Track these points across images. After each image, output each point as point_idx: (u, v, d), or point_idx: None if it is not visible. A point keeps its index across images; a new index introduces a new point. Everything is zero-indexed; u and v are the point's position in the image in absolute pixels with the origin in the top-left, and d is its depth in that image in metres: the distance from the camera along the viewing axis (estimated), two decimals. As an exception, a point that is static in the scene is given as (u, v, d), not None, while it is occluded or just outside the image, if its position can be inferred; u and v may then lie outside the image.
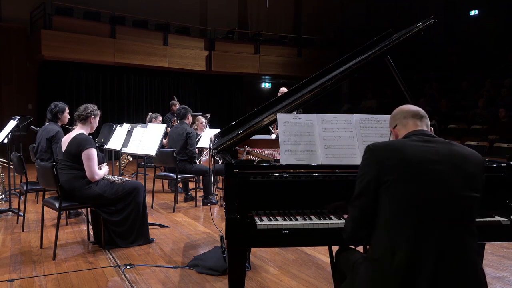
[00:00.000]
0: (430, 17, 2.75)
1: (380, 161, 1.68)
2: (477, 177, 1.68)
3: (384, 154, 1.69)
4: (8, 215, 5.24)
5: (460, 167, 1.65)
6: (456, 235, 1.59)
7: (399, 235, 1.59)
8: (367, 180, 1.70)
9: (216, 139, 2.84)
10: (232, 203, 2.08)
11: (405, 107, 1.92)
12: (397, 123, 1.90)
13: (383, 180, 1.65)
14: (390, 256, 1.58)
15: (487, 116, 9.99)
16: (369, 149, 1.75)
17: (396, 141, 1.80)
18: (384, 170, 1.65)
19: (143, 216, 4.07)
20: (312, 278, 3.31)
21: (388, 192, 1.64)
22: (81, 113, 3.90)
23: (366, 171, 1.72)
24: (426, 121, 1.86)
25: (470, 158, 1.69)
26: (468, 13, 14.38)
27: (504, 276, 3.40)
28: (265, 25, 15.56)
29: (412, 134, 1.80)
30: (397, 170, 1.64)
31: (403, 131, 1.86)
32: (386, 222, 1.63)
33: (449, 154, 1.68)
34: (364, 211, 1.72)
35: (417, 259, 1.56)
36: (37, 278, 3.26)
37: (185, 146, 5.84)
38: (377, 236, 1.67)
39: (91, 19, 11.68)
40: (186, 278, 3.27)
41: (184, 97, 13.47)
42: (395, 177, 1.63)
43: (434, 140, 1.74)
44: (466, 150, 1.73)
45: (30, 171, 4.64)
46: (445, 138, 1.80)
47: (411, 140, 1.74)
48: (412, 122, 1.85)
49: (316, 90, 2.65)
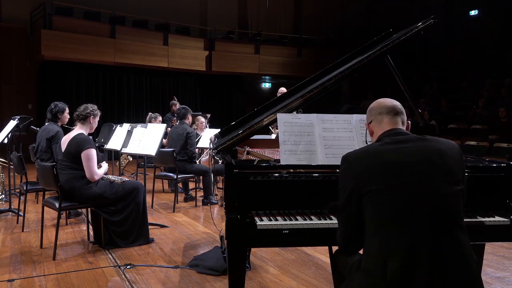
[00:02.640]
0: (430, 17, 2.75)
1: (358, 173, 1.66)
2: (457, 168, 1.66)
3: (361, 165, 1.67)
4: (8, 215, 5.24)
5: (438, 163, 1.63)
6: (448, 233, 1.57)
7: (390, 243, 1.56)
8: (347, 193, 1.68)
9: (216, 139, 2.84)
10: (232, 203, 2.08)
11: (381, 101, 1.88)
12: (372, 119, 1.87)
13: (364, 191, 1.62)
14: (382, 265, 1.55)
15: (487, 116, 9.99)
16: (345, 160, 1.73)
17: (371, 147, 1.76)
18: (363, 182, 1.63)
19: (143, 216, 4.07)
20: (312, 278, 3.30)
21: (372, 202, 1.61)
22: (80, 113, 3.90)
23: (345, 184, 1.70)
24: (402, 116, 1.82)
25: (446, 151, 1.67)
26: (468, 13, 14.39)
27: (504, 276, 3.39)
28: (265, 25, 15.56)
29: (385, 136, 1.76)
30: (376, 179, 1.61)
31: (377, 128, 1.83)
32: (375, 231, 1.61)
33: (425, 151, 1.65)
34: (349, 224, 1.71)
35: (411, 264, 1.53)
36: (37, 278, 3.26)
37: (185, 146, 5.83)
38: (368, 245, 1.64)
39: (91, 19, 11.69)
40: (186, 278, 3.27)
41: (184, 97, 13.47)
42: (376, 187, 1.60)
43: (408, 139, 1.71)
44: (441, 143, 1.70)
45: (30, 171, 4.64)
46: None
47: (385, 144, 1.71)
48: (387, 119, 1.81)
49: (316, 90, 2.65)
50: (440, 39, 13.92)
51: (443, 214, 1.59)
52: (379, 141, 1.78)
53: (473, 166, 2.33)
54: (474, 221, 2.13)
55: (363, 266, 1.64)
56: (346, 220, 1.72)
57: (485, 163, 2.47)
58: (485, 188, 2.28)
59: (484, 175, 2.31)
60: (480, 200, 2.26)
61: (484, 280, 3.21)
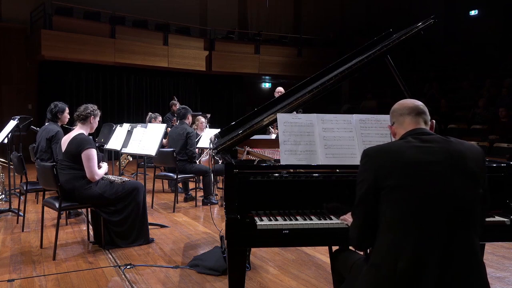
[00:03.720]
0: (430, 17, 2.75)
1: (377, 167, 1.65)
2: (478, 172, 1.65)
3: (381, 159, 1.67)
4: (8, 215, 5.24)
5: (459, 165, 1.62)
6: (462, 236, 1.57)
7: (402, 240, 1.56)
8: (365, 187, 1.68)
9: (216, 139, 2.84)
10: (232, 203, 2.08)
11: (402, 102, 1.86)
12: (394, 121, 1.86)
13: (382, 186, 1.62)
14: (393, 261, 1.55)
15: (487, 116, 9.98)
16: (366, 154, 1.73)
17: (393, 144, 1.76)
18: (382, 176, 1.63)
19: (143, 216, 4.07)
20: (312, 278, 3.30)
21: (388, 198, 1.61)
22: (81, 113, 3.90)
23: (364, 178, 1.70)
24: (424, 117, 1.80)
25: (468, 154, 1.66)
26: (468, 13, 14.39)
27: (504, 276, 3.40)
28: (265, 25, 15.55)
29: (408, 135, 1.75)
30: (395, 175, 1.61)
31: (401, 129, 1.82)
32: (388, 227, 1.61)
33: (447, 153, 1.64)
34: (366, 218, 1.70)
35: (422, 264, 1.53)
36: (37, 278, 3.26)
37: (185, 146, 5.84)
38: (379, 241, 1.64)
39: (91, 19, 11.68)
40: (186, 278, 3.27)
41: (184, 97, 13.47)
42: (394, 182, 1.60)
43: (431, 139, 1.69)
44: (464, 146, 1.69)
45: (30, 171, 4.64)
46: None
47: (407, 142, 1.70)
48: (409, 120, 1.80)
49: (316, 90, 2.65)
50: (440, 39, 13.91)
51: (459, 216, 1.58)
52: (402, 138, 1.77)
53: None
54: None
55: (372, 261, 1.64)
56: (363, 214, 1.70)
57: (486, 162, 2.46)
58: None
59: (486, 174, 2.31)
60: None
61: (484, 280, 3.22)
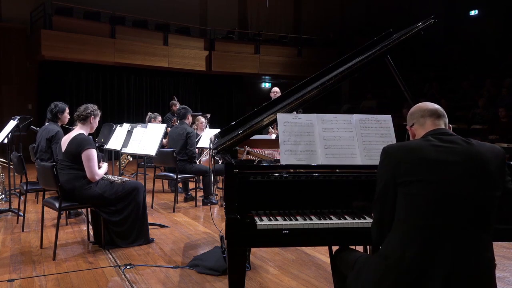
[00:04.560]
0: (430, 17, 2.75)
1: (396, 163, 1.68)
2: (497, 174, 1.65)
3: (399, 156, 1.69)
4: (8, 215, 5.24)
5: (478, 166, 1.63)
6: (475, 237, 1.58)
7: (413, 233, 1.59)
8: (384, 182, 1.71)
9: (216, 139, 2.83)
10: (232, 203, 2.07)
11: (423, 105, 1.88)
12: (414, 122, 1.88)
13: (399, 181, 1.65)
14: (401, 252, 1.59)
15: (487, 116, 9.98)
16: (385, 151, 1.75)
17: (413, 142, 1.78)
18: (400, 172, 1.66)
19: (143, 216, 4.07)
20: (312, 278, 3.31)
21: (404, 191, 1.64)
22: (81, 113, 3.90)
23: (382, 173, 1.73)
24: (444, 119, 1.82)
25: (489, 157, 1.65)
26: (468, 13, 14.39)
27: (504, 276, 3.40)
28: (265, 25, 15.55)
29: (429, 134, 1.76)
30: (413, 172, 1.63)
31: (421, 130, 1.84)
32: (402, 220, 1.64)
33: (467, 154, 1.65)
34: (384, 213, 1.73)
35: (431, 260, 1.55)
36: (37, 278, 3.26)
37: (185, 146, 5.84)
38: (391, 235, 1.67)
39: (91, 19, 11.68)
40: (186, 278, 3.27)
41: (184, 97, 13.47)
42: (411, 178, 1.62)
43: (452, 139, 1.70)
44: (485, 147, 1.69)
45: (30, 171, 4.64)
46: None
47: (427, 141, 1.71)
48: (430, 121, 1.81)
49: (316, 90, 2.65)
50: (440, 39, 13.91)
51: (474, 217, 1.59)
52: (423, 138, 1.78)
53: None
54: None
55: (381, 252, 1.67)
56: (381, 209, 1.73)
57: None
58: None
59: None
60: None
61: (484, 280, 3.22)
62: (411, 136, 1.92)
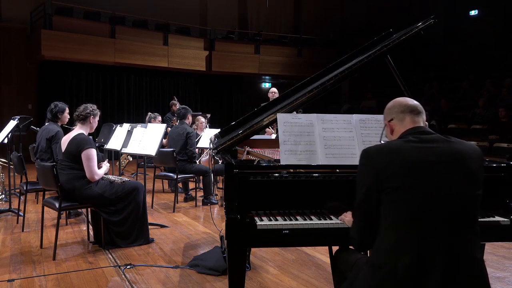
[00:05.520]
0: (430, 17, 2.76)
1: (378, 168, 1.63)
2: (477, 173, 1.64)
3: (381, 160, 1.64)
4: (8, 215, 5.24)
5: (460, 165, 1.62)
6: (463, 237, 1.57)
7: (403, 241, 1.56)
8: (366, 188, 1.66)
9: (216, 139, 2.84)
10: (232, 203, 2.08)
11: (402, 100, 1.84)
12: (393, 117, 1.83)
13: (383, 187, 1.61)
14: (393, 261, 1.54)
15: (487, 116, 9.98)
16: (366, 154, 1.70)
17: (393, 143, 1.73)
18: (383, 177, 1.61)
19: (143, 216, 4.07)
20: (312, 278, 3.30)
21: (389, 199, 1.60)
22: (80, 113, 3.90)
23: (364, 179, 1.68)
24: (423, 116, 1.80)
25: (469, 154, 1.65)
26: (468, 13, 14.38)
27: (504, 276, 3.39)
28: (265, 25, 15.55)
29: (408, 133, 1.73)
30: (396, 176, 1.60)
31: (400, 126, 1.80)
32: (389, 227, 1.60)
33: (448, 153, 1.64)
34: (367, 219, 1.69)
35: (423, 264, 1.52)
36: (37, 278, 3.26)
37: (185, 146, 5.84)
38: (379, 241, 1.63)
39: (91, 19, 11.69)
40: (186, 278, 3.27)
41: (184, 97, 13.46)
42: (395, 184, 1.59)
43: (432, 138, 1.68)
44: (465, 146, 1.68)
45: (30, 171, 4.63)
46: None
47: (408, 141, 1.68)
48: (409, 118, 1.78)
49: (316, 90, 2.65)
50: (440, 39, 13.90)
51: (460, 217, 1.58)
52: (401, 138, 1.75)
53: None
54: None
55: (372, 261, 1.63)
56: (364, 215, 1.69)
57: (485, 163, 2.46)
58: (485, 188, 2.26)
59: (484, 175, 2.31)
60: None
61: (484, 280, 3.22)
62: (388, 131, 1.87)
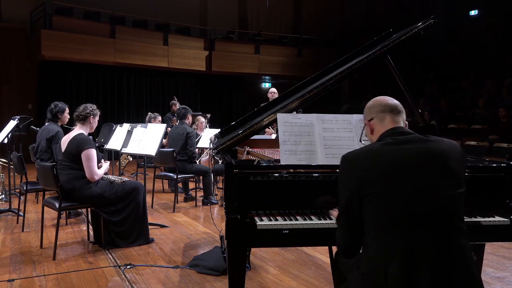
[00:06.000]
0: (430, 17, 2.76)
1: (359, 174, 1.61)
2: (459, 170, 1.63)
3: (362, 166, 1.63)
4: (8, 215, 5.24)
5: (439, 165, 1.60)
6: (450, 236, 1.55)
7: (389, 246, 1.53)
8: (348, 194, 1.65)
9: (216, 139, 2.84)
10: (232, 203, 2.08)
11: (382, 99, 1.83)
12: (373, 116, 1.82)
13: (365, 193, 1.59)
14: (383, 268, 1.52)
15: (487, 116, 9.98)
16: (346, 160, 1.69)
17: (373, 147, 1.71)
18: (364, 184, 1.59)
19: (143, 216, 4.07)
20: (312, 278, 3.30)
21: (371, 205, 1.58)
22: (80, 113, 3.90)
23: (346, 185, 1.67)
24: (403, 115, 1.79)
25: (449, 153, 1.64)
26: (468, 13, 14.38)
27: (504, 276, 3.39)
28: (265, 25, 15.55)
29: (387, 135, 1.72)
30: (377, 182, 1.58)
31: (380, 126, 1.79)
32: (374, 234, 1.58)
33: (427, 153, 1.62)
34: (351, 226, 1.67)
35: (412, 268, 1.51)
36: (37, 278, 3.26)
37: (185, 146, 5.84)
38: (366, 248, 1.62)
39: (91, 19, 11.69)
40: (186, 278, 3.27)
41: (184, 97, 13.46)
42: (377, 190, 1.57)
43: (411, 139, 1.67)
44: (444, 144, 1.67)
45: (30, 171, 4.63)
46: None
47: (386, 144, 1.67)
48: (389, 118, 1.77)
49: (316, 90, 2.65)
50: (440, 39, 13.90)
51: (445, 217, 1.56)
52: (380, 140, 1.74)
53: (473, 166, 2.33)
54: (474, 221, 2.13)
55: (362, 270, 1.60)
56: (348, 222, 1.68)
57: (485, 163, 2.47)
58: (485, 188, 2.28)
59: (484, 175, 2.31)
60: (480, 200, 2.26)
61: (484, 280, 3.20)
62: (368, 131, 1.86)
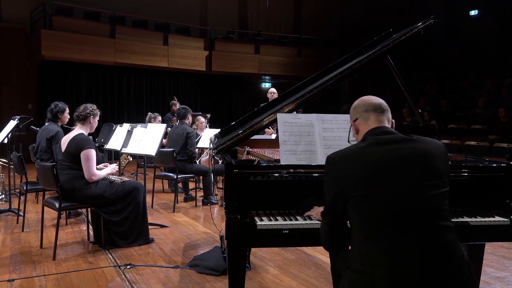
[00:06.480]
0: (430, 17, 2.76)
1: (343, 176, 1.63)
2: (443, 170, 1.63)
3: (346, 167, 1.64)
4: (8, 215, 5.24)
5: (424, 165, 1.61)
6: (436, 236, 1.55)
7: (376, 248, 1.54)
8: (333, 195, 1.66)
9: (216, 139, 2.84)
10: (232, 203, 2.08)
11: (367, 99, 1.84)
12: (357, 116, 1.83)
13: (350, 195, 1.60)
14: (370, 269, 1.52)
15: (487, 116, 9.98)
16: (330, 161, 1.70)
17: (356, 149, 1.71)
18: (349, 186, 1.61)
19: (143, 216, 4.07)
20: (312, 278, 3.31)
21: (357, 207, 1.59)
22: (80, 113, 3.90)
23: (330, 186, 1.68)
24: (388, 114, 1.79)
25: (432, 152, 1.64)
26: (468, 13, 14.37)
27: (504, 276, 3.40)
28: (265, 25, 15.56)
29: (369, 135, 1.73)
30: (362, 185, 1.59)
31: (364, 126, 1.79)
32: (360, 235, 1.59)
33: (411, 153, 1.63)
34: (334, 225, 1.71)
35: (400, 269, 1.50)
36: (37, 278, 3.26)
37: (185, 146, 5.84)
38: (354, 247, 1.62)
39: (91, 19, 11.69)
40: (186, 278, 3.27)
41: (184, 97, 13.47)
42: (361, 192, 1.58)
43: (393, 139, 1.67)
44: (427, 144, 1.67)
45: (30, 171, 4.64)
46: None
47: (370, 145, 1.67)
48: (373, 117, 1.78)
49: (316, 90, 2.65)
50: (440, 39, 13.90)
51: (428, 216, 1.56)
52: (364, 140, 1.74)
53: (473, 166, 2.33)
54: (474, 221, 2.13)
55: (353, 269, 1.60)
56: (332, 222, 1.71)
57: (485, 163, 2.47)
58: (485, 188, 2.28)
59: (484, 175, 2.31)
60: (480, 200, 2.26)
61: (484, 280, 3.22)
62: (354, 131, 1.87)
